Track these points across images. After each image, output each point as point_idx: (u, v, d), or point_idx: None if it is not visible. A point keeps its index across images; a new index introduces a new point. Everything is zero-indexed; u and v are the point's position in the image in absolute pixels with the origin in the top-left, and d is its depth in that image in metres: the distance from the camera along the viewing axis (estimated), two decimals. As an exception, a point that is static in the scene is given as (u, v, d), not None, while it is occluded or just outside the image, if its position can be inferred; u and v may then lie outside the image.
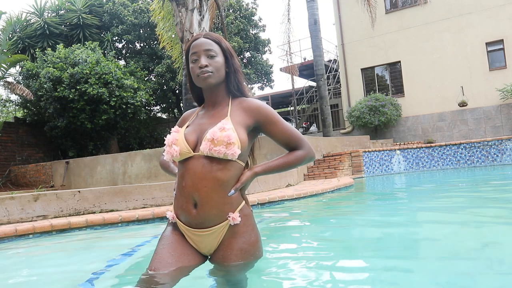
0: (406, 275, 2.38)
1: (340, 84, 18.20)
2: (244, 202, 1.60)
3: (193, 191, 1.52)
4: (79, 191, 5.16)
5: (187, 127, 1.63)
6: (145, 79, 15.91)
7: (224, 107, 1.61)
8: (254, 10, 18.87)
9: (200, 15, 8.54)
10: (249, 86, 20.71)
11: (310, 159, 1.63)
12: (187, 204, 1.54)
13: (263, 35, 20.33)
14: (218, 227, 1.53)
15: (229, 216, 1.53)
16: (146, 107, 16.90)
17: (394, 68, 16.66)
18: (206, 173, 1.51)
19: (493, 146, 11.36)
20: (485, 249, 2.84)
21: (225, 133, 1.45)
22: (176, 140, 1.55)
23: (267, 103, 24.42)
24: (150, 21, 14.45)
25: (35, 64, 12.54)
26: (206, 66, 1.54)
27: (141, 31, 16.57)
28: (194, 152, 1.54)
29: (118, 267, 2.77)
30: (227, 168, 1.51)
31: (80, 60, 11.63)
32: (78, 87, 11.26)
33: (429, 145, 12.08)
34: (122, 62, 17.34)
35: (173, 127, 1.72)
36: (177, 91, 17.29)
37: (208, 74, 1.54)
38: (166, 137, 1.61)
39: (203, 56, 1.56)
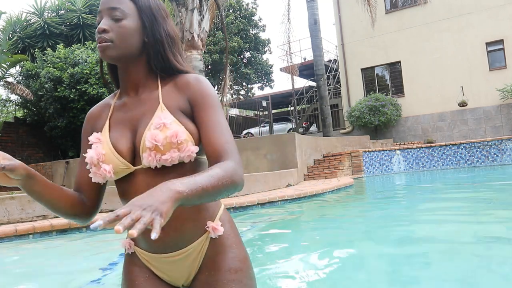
0: (406, 275, 2.38)
1: (340, 84, 18.20)
2: (223, 205, 1.18)
3: None
4: (79, 191, 5.16)
5: (109, 131, 1.10)
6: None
7: (152, 90, 1.11)
8: (254, 10, 18.87)
9: (200, 15, 8.54)
10: (249, 86, 20.71)
11: (237, 184, 0.94)
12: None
13: (263, 35, 20.33)
14: (195, 244, 1.08)
15: (208, 227, 1.08)
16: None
17: (394, 68, 16.66)
18: None
19: (493, 146, 11.36)
20: (485, 248, 2.84)
21: (169, 131, 1.00)
22: (103, 155, 1.05)
23: (267, 103, 23.99)
24: (150, 21, 14.39)
25: (35, 64, 12.54)
26: (104, 31, 1.05)
27: (141, 31, 16.51)
28: (134, 165, 1.06)
29: (118, 267, 2.77)
30: (190, 170, 1.04)
31: (80, 60, 11.63)
32: (78, 87, 11.27)
33: (429, 145, 12.08)
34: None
35: None
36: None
37: (106, 44, 1.05)
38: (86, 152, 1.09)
39: (105, 17, 1.07)
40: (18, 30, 14.85)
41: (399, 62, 16.34)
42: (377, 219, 4.60)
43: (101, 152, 1.05)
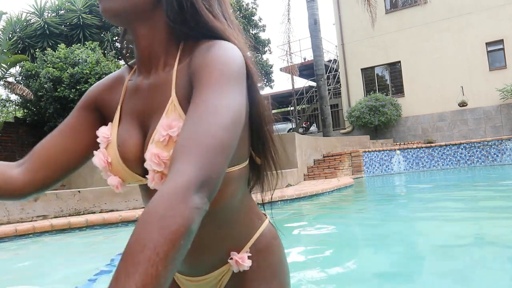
0: (406, 274, 2.38)
1: (340, 84, 18.19)
2: (263, 226, 0.89)
3: None
4: (79, 191, 5.17)
5: (119, 123, 0.79)
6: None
7: (171, 68, 0.75)
8: (254, 10, 18.88)
9: (200, 15, 8.55)
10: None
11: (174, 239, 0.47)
12: None
13: (263, 35, 20.34)
14: (215, 274, 0.86)
15: (231, 258, 0.83)
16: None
17: (394, 68, 16.65)
18: None
19: (493, 146, 11.36)
20: (485, 247, 2.84)
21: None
22: (110, 165, 0.76)
23: (267, 103, 24.77)
24: (150, 21, 14.42)
25: (35, 64, 12.55)
26: None
27: (141, 31, 16.54)
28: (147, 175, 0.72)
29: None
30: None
31: (80, 60, 11.64)
32: (78, 87, 11.27)
33: (429, 145, 12.08)
34: (122, 62, 17.35)
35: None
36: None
37: None
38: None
39: None
40: (18, 30, 14.85)
41: (399, 62, 16.34)
42: (377, 219, 4.60)
43: (107, 160, 0.76)
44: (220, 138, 0.56)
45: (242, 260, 0.82)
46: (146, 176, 0.71)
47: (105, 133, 0.78)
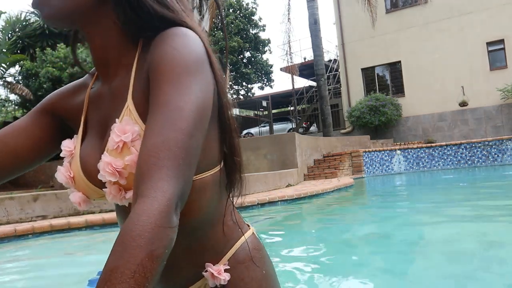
0: (406, 274, 2.37)
1: (340, 84, 18.18)
2: (245, 236, 0.80)
3: None
4: (78, 191, 5.15)
5: (83, 134, 0.73)
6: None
7: (128, 69, 0.68)
8: (254, 9, 18.87)
9: (200, 15, 8.52)
10: (249, 86, 20.70)
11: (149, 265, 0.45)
12: None
13: (263, 35, 20.34)
14: None
15: (206, 271, 0.74)
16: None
17: (395, 68, 16.64)
18: None
19: (493, 146, 11.34)
20: (486, 248, 2.82)
21: (130, 156, 0.61)
22: (73, 180, 0.70)
23: (267, 103, 23.96)
24: (150, 20, 14.42)
25: (35, 63, 12.53)
26: None
27: (141, 31, 16.54)
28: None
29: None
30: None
31: (79, 60, 11.65)
32: (77, 87, 11.30)
33: (429, 145, 12.06)
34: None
35: None
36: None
37: None
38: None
39: None
40: (17, 29, 14.83)
41: (400, 62, 16.33)
42: (377, 219, 4.58)
43: (69, 175, 0.70)
44: (188, 147, 0.53)
45: (218, 273, 0.73)
46: None
47: (68, 146, 0.73)
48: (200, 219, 0.70)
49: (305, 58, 22.36)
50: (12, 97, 15.01)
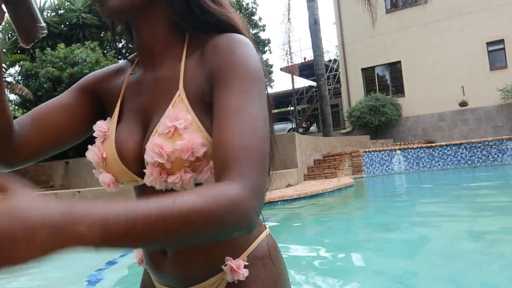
0: (405, 274, 2.37)
1: (340, 84, 18.18)
2: (263, 235, 0.81)
3: None
4: (79, 191, 5.14)
5: (118, 119, 0.75)
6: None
7: (175, 61, 0.71)
8: (254, 9, 18.88)
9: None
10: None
11: (227, 226, 0.50)
12: (151, 249, 0.77)
13: (263, 35, 20.34)
14: (207, 284, 0.75)
15: (225, 265, 0.73)
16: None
17: (395, 68, 16.64)
18: None
19: (493, 146, 11.34)
20: (486, 248, 2.82)
21: (181, 142, 0.63)
22: (105, 160, 0.72)
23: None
24: (150, 20, 14.43)
25: (34, 64, 12.54)
26: None
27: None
28: (143, 177, 0.69)
29: (116, 266, 2.75)
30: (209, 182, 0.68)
31: (79, 60, 11.62)
32: (77, 87, 11.30)
33: (429, 145, 12.07)
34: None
35: None
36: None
37: None
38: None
39: None
40: (17, 29, 14.85)
41: (400, 62, 16.33)
42: (377, 220, 4.58)
43: (102, 155, 0.72)
44: (265, 154, 0.58)
45: (237, 267, 0.72)
46: (141, 177, 0.69)
47: (102, 127, 0.74)
48: None
49: (305, 58, 22.38)
50: (12, 97, 15.02)
